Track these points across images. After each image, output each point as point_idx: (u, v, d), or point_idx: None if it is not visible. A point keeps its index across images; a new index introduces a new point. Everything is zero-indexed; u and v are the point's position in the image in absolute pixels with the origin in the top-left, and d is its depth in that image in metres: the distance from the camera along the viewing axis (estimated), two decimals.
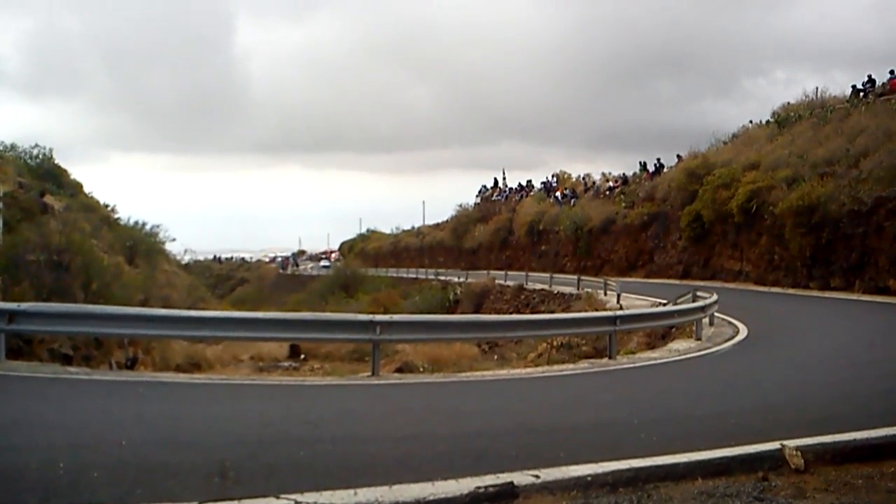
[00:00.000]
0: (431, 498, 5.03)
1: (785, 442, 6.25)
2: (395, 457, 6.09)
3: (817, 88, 39.81)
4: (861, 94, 35.55)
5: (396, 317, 13.01)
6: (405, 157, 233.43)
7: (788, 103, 40.81)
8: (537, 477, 5.46)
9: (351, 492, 5.02)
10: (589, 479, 5.47)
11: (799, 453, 6.05)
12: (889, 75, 35.11)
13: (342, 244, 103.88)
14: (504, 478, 5.36)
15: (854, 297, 25.24)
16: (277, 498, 4.85)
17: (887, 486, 5.61)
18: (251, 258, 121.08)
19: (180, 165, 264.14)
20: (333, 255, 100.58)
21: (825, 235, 27.25)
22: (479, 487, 5.18)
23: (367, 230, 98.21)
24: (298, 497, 4.87)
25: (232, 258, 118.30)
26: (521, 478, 5.41)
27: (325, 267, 63.25)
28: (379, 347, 11.72)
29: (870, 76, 36.16)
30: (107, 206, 36.50)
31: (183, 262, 54.58)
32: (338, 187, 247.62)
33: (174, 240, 44.18)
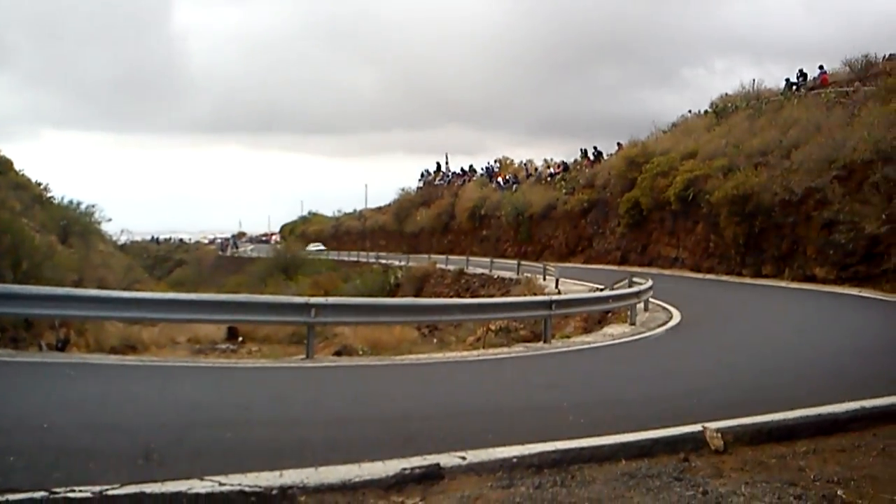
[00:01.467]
0: (357, 479, 5.05)
1: (706, 424, 6.40)
2: (324, 439, 6.08)
3: (754, 81, 40.71)
4: (794, 87, 36.44)
5: (332, 299, 12.93)
6: (347, 140, 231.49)
7: (726, 94, 41.69)
8: (464, 458, 5.51)
9: (276, 473, 5.01)
10: (514, 460, 5.54)
11: (719, 435, 6.21)
12: (819, 70, 36.02)
13: (283, 226, 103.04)
14: (431, 459, 5.40)
15: (784, 284, 25.92)
16: (201, 480, 4.81)
17: (798, 464, 5.79)
18: (190, 239, 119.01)
19: (116, 144, 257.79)
20: (274, 237, 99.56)
21: (758, 224, 27.90)
22: (405, 469, 5.21)
23: (309, 213, 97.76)
24: (222, 479, 4.84)
25: (170, 239, 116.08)
26: (448, 459, 5.46)
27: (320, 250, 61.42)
28: (314, 330, 11.65)
29: (801, 70, 37.13)
30: (39, 184, 35.56)
31: (119, 243, 53.50)
32: (279, 169, 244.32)
33: (110, 220, 43.36)
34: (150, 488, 4.63)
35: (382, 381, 9.76)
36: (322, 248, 55.05)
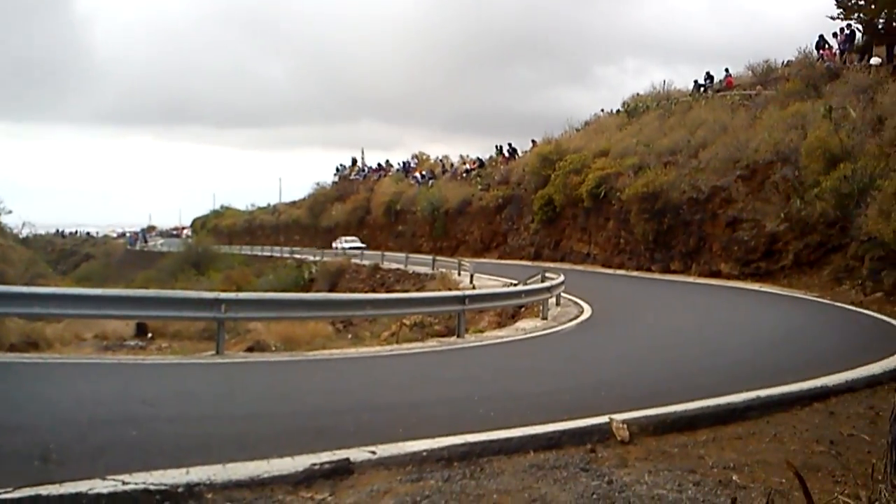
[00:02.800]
0: (266, 476, 5.01)
1: (613, 416, 6.56)
2: (233, 436, 6.00)
3: (664, 81, 41.86)
4: (702, 88, 37.55)
5: (243, 294, 12.78)
6: (261, 133, 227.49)
7: (638, 94, 42.75)
8: (373, 453, 5.51)
9: (183, 471, 4.93)
10: (424, 454, 5.58)
11: (625, 426, 6.37)
12: (725, 73, 37.24)
13: (195, 220, 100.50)
14: (340, 454, 5.39)
15: (691, 279, 26.66)
16: (103, 479, 4.68)
17: (699, 452, 6.02)
18: (98, 233, 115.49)
19: (13, 133, 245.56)
20: (185, 231, 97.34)
21: (667, 221, 28.62)
22: (314, 464, 5.20)
23: (222, 206, 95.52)
24: (126, 477, 4.73)
25: (77, 233, 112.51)
26: (358, 454, 5.46)
27: (356, 248, 46.85)
28: (224, 326, 11.47)
29: (708, 73, 38.41)
30: None
31: (21, 236, 51.44)
32: (191, 161, 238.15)
33: (10, 212, 41.66)
34: (47, 490, 4.48)
35: (294, 376, 9.68)
36: (359, 244, 47.63)
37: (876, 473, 4.18)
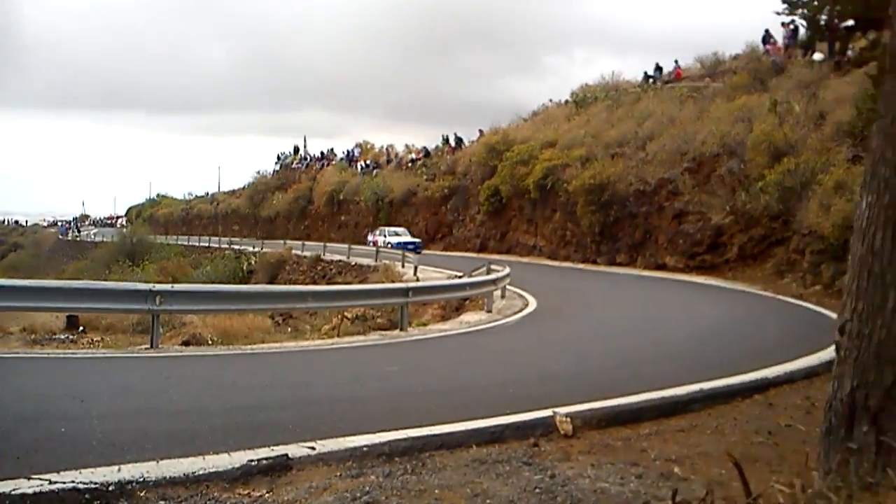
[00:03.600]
0: (202, 472, 4.88)
1: (556, 409, 6.50)
2: (167, 432, 5.81)
3: (613, 72, 42.16)
4: (651, 80, 37.85)
5: (178, 286, 12.43)
6: (201, 119, 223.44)
7: (586, 84, 42.87)
8: (313, 449, 5.39)
9: (114, 468, 4.78)
10: (365, 449, 5.47)
11: (568, 419, 6.32)
12: (674, 65, 37.61)
13: (130, 209, 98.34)
14: (279, 450, 5.27)
15: (636, 272, 26.93)
16: (28, 479, 4.49)
17: (641, 445, 6.01)
18: (27, 222, 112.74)
19: None
20: (120, 220, 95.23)
21: (613, 213, 28.85)
22: (251, 461, 5.07)
23: (158, 195, 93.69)
24: (54, 476, 4.55)
25: (5, 221, 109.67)
26: (297, 450, 5.34)
27: (408, 245, 36.73)
28: (159, 319, 11.18)
29: (657, 64, 38.65)
30: None
31: None
32: (127, 148, 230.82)
33: None
34: None
35: (231, 370, 9.43)
36: (409, 237, 40.18)
37: (809, 462, 4.22)
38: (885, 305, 3.71)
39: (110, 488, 4.52)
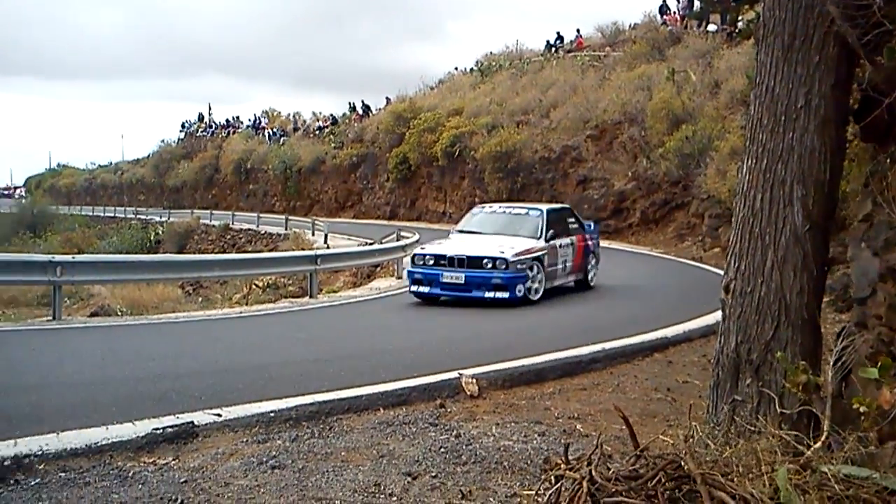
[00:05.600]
0: (105, 442, 4.83)
1: (462, 371, 6.64)
2: (67, 405, 5.71)
3: (517, 41, 42.36)
4: (553, 49, 38.24)
5: (80, 257, 12.18)
6: (96, 87, 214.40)
7: (491, 53, 43.09)
8: (218, 416, 5.39)
9: (10, 442, 4.68)
10: (272, 414, 5.50)
11: (474, 380, 6.47)
12: (576, 34, 38.09)
13: (28, 179, 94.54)
14: (184, 418, 5.26)
15: None
16: None
17: (545, 404, 6.21)
18: None
19: None
20: (18, 191, 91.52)
21: (520, 180, 29.12)
22: (156, 429, 5.05)
23: (59, 165, 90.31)
24: None
25: None
26: (202, 417, 5.35)
27: None
28: (60, 290, 10.86)
29: (559, 33, 39.10)
30: None
31: None
32: (22, 116, 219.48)
33: None
34: None
35: (136, 340, 9.28)
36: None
37: (696, 412, 4.44)
38: (764, 264, 3.91)
39: (6, 463, 4.43)
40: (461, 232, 13.85)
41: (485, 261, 11.96)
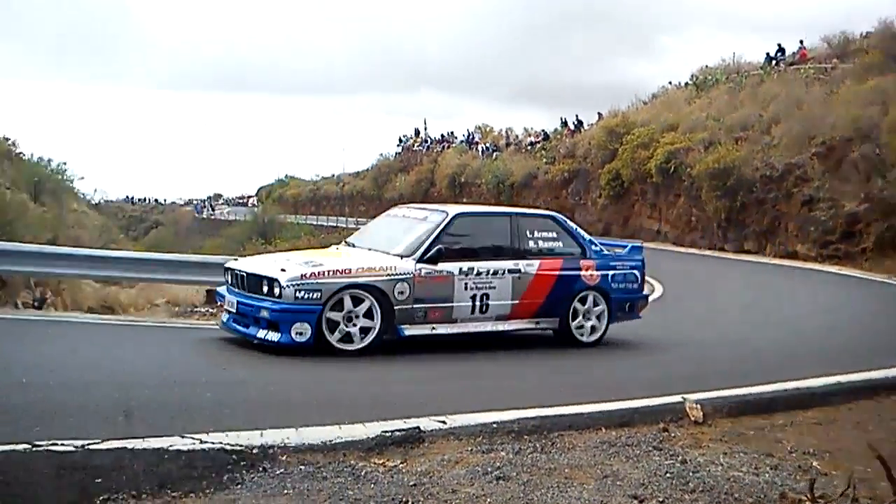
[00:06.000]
0: (339, 441, 5.00)
1: (686, 395, 6.44)
2: None
3: (734, 54, 40.65)
4: (773, 62, 36.50)
5: None
6: (319, 102, 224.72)
7: (706, 66, 41.59)
8: (443, 423, 5.50)
9: (257, 433, 4.91)
10: (494, 426, 5.54)
11: (698, 406, 6.25)
12: (799, 45, 36.11)
13: (260, 189, 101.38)
14: (411, 423, 5.38)
15: (765, 260, 26.01)
16: None
17: (776, 436, 5.90)
18: (165, 200, 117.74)
19: (77, 97, 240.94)
20: (251, 200, 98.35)
21: (739, 199, 27.85)
22: (385, 431, 5.15)
23: (287, 176, 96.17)
24: None
25: (146, 199, 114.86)
26: (428, 423, 5.46)
27: None
28: None
29: (780, 45, 37.20)
30: (7, 139, 34.18)
31: (93, 203, 52.58)
32: (254, 131, 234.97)
33: (82, 178, 42.54)
34: None
35: None
36: None
37: None
38: None
39: (254, 451, 4.63)
40: (346, 244, 9.84)
41: (263, 281, 7.99)
